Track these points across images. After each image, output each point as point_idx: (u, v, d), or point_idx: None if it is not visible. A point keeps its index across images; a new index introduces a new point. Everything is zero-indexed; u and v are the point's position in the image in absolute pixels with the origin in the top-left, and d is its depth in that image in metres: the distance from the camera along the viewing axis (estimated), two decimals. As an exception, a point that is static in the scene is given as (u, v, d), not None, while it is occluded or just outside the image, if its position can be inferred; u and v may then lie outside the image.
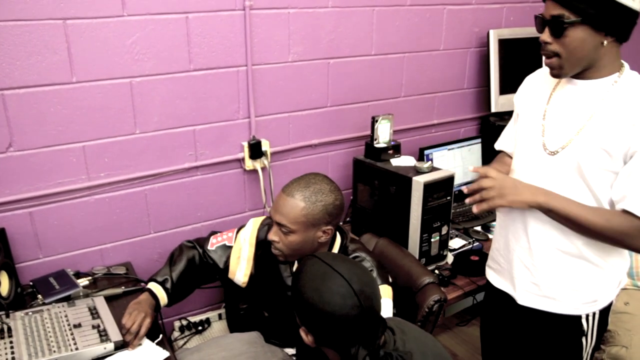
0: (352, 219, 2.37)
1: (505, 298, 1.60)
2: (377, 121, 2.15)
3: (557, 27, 1.28)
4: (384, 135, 2.18)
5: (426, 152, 2.48)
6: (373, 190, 2.18)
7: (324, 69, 2.22)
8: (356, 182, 2.28)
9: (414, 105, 2.55)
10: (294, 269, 1.64)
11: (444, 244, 2.08)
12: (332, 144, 2.37)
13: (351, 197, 2.34)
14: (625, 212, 1.30)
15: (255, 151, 2.11)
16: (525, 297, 1.52)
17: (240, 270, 1.70)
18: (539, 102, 1.49)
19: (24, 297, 1.71)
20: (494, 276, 1.65)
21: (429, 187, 1.93)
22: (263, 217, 1.77)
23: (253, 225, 1.73)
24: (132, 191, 1.96)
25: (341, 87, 2.29)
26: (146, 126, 1.91)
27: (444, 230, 2.05)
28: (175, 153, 1.99)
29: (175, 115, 1.95)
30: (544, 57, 1.39)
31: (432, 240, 2.02)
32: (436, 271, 2.04)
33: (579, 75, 1.38)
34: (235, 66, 2.00)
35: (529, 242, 1.47)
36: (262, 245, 1.68)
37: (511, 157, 1.64)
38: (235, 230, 1.74)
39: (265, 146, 2.13)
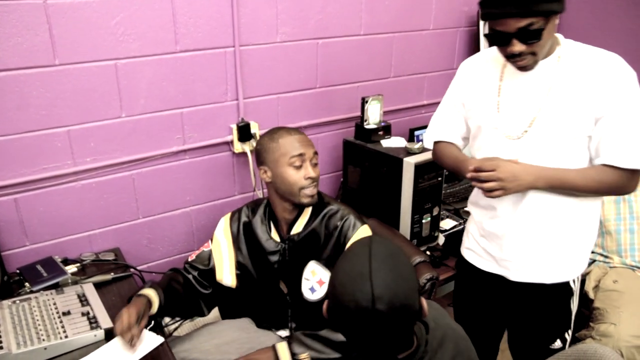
0: (342, 201, 2.36)
1: (492, 278, 1.61)
2: (367, 102, 2.13)
3: (531, 35, 1.26)
4: (374, 116, 2.17)
5: (416, 132, 2.47)
6: (364, 171, 2.17)
7: (312, 49, 2.19)
8: (346, 163, 2.26)
9: (404, 85, 2.53)
10: (272, 232, 1.67)
11: (435, 225, 2.08)
12: (322, 126, 2.34)
13: (341, 179, 2.32)
14: (606, 165, 1.36)
15: (244, 133, 2.08)
16: (519, 273, 1.55)
17: (226, 268, 1.71)
18: (488, 92, 1.48)
19: (10, 285, 1.68)
20: (478, 259, 1.64)
21: (419, 168, 1.92)
22: (231, 212, 1.76)
23: (225, 222, 1.75)
24: (119, 176, 1.92)
25: (330, 67, 2.26)
26: (132, 109, 1.87)
27: (435, 211, 2.05)
28: (163, 136, 1.96)
29: (162, 98, 1.91)
30: (507, 59, 1.37)
31: (424, 221, 2.02)
32: (427, 252, 2.05)
33: None
34: (222, 47, 1.96)
35: (520, 224, 1.49)
36: (237, 236, 1.71)
37: (458, 147, 1.64)
38: (210, 239, 1.76)
39: (254, 128, 2.10)
